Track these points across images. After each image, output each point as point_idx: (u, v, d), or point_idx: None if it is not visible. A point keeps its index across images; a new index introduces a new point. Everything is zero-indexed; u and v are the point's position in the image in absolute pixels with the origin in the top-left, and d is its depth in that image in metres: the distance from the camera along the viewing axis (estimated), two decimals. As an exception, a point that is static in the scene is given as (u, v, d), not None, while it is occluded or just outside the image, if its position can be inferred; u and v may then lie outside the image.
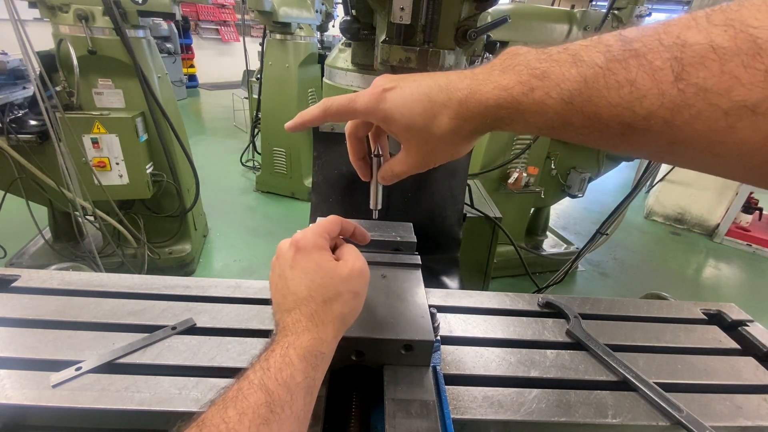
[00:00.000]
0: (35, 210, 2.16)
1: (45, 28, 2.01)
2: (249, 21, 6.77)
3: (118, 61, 2.08)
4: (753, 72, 0.24)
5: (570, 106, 0.32)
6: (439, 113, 0.40)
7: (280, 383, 0.39)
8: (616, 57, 0.30)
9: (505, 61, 0.37)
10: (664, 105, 0.27)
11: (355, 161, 0.54)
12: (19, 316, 0.67)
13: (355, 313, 0.50)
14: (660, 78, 0.27)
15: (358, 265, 0.50)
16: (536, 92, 0.34)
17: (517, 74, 0.35)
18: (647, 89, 0.28)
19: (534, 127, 0.36)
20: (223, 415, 0.35)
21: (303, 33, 3.49)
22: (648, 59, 0.28)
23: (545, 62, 0.34)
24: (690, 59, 0.26)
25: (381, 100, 0.43)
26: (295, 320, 0.45)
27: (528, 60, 0.35)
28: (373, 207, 0.57)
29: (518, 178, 2.54)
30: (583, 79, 0.31)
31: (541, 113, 0.34)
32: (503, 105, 0.36)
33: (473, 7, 0.84)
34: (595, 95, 0.30)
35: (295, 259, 0.49)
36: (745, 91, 0.24)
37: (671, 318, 0.80)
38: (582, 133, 0.33)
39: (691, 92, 0.26)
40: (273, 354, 0.41)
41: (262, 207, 3.85)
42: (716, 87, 0.25)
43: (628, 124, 0.30)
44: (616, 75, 0.29)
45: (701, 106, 0.26)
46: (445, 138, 0.42)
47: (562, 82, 0.32)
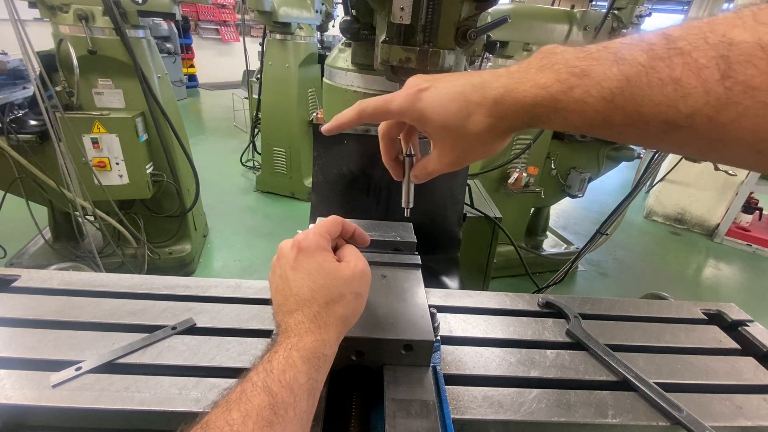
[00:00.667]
0: (35, 210, 2.16)
1: (45, 28, 2.01)
2: (249, 21, 6.77)
3: (118, 61, 2.08)
4: None
5: (611, 104, 0.32)
6: (474, 112, 0.40)
7: (284, 385, 0.38)
8: (659, 55, 0.30)
9: (542, 59, 0.37)
10: (710, 103, 0.27)
11: (387, 161, 0.55)
12: (19, 316, 0.67)
13: (357, 314, 0.50)
14: (706, 76, 0.27)
15: (361, 266, 0.50)
16: (576, 90, 0.34)
17: (556, 72, 0.35)
18: (692, 87, 0.28)
19: (572, 126, 0.36)
20: (227, 417, 0.35)
21: (303, 33, 3.49)
22: (693, 57, 0.28)
23: (585, 60, 0.34)
24: (737, 57, 0.26)
25: (416, 100, 0.43)
26: (298, 322, 0.44)
27: (566, 58, 0.35)
28: (404, 205, 0.58)
29: (518, 178, 2.54)
30: (625, 78, 0.31)
31: (581, 111, 0.34)
32: (541, 103, 0.36)
33: (473, 7, 0.84)
34: (638, 93, 0.30)
35: (297, 260, 0.49)
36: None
37: (671, 318, 0.80)
38: (623, 131, 0.33)
39: (738, 90, 0.26)
40: (276, 356, 0.41)
41: (262, 207, 3.85)
42: (765, 85, 0.25)
43: (672, 122, 0.30)
44: (660, 73, 0.29)
45: (748, 103, 0.26)
46: (480, 136, 0.42)
47: (603, 80, 0.32)
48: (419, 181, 0.54)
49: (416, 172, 0.52)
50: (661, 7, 9.24)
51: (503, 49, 2.48)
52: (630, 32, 2.40)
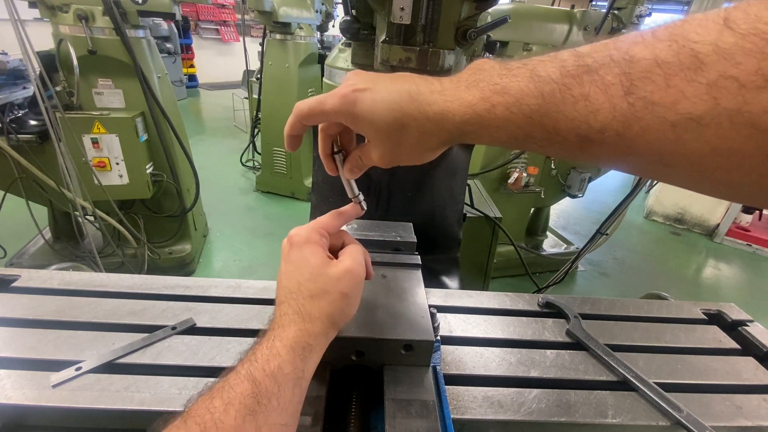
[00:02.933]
0: (35, 210, 2.16)
1: (45, 28, 2.01)
2: (249, 21, 6.77)
3: (118, 61, 2.08)
4: (696, 86, 0.25)
5: (530, 120, 0.33)
6: (408, 124, 0.41)
7: (267, 374, 0.39)
8: (570, 72, 0.31)
9: (470, 76, 0.39)
10: (617, 118, 0.28)
11: (322, 156, 0.54)
12: (19, 316, 0.67)
13: (345, 315, 0.49)
14: (612, 92, 0.29)
15: (351, 267, 0.49)
16: (498, 108, 0.35)
17: (480, 90, 0.37)
18: (600, 103, 0.29)
19: (498, 141, 0.37)
20: (208, 405, 0.36)
21: (303, 33, 3.48)
22: (600, 74, 0.29)
23: (506, 77, 0.35)
24: (638, 74, 0.27)
25: (351, 102, 0.43)
26: (283, 313, 0.45)
27: (491, 75, 0.37)
28: (352, 198, 0.57)
29: (518, 178, 2.54)
30: (540, 94, 0.32)
31: (504, 128, 0.35)
32: (468, 121, 0.37)
33: (473, 7, 0.84)
34: (553, 110, 0.32)
35: (289, 253, 0.50)
36: (689, 104, 0.25)
37: (671, 318, 0.80)
38: (543, 146, 0.34)
39: (640, 106, 0.27)
40: (260, 347, 0.41)
41: (262, 207, 3.84)
42: (663, 100, 0.26)
43: (585, 137, 0.31)
44: (571, 90, 0.31)
45: (650, 119, 0.27)
46: (411, 146, 0.43)
47: (522, 97, 0.34)
48: (354, 176, 0.53)
49: (350, 166, 0.52)
50: (661, 7, 9.24)
51: (503, 49, 2.48)
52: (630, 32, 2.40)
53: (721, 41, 0.24)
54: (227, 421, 0.34)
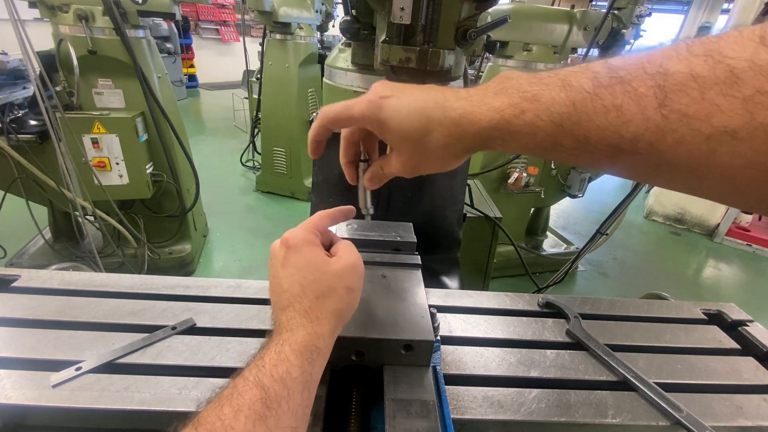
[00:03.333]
0: (35, 210, 2.16)
1: (45, 28, 2.01)
2: (249, 21, 6.77)
3: (118, 61, 2.08)
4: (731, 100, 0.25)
5: (560, 128, 0.34)
6: (434, 129, 0.41)
7: (276, 379, 0.39)
8: (602, 83, 0.31)
9: (498, 84, 0.39)
10: (649, 129, 0.29)
11: (345, 164, 0.55)
12: (19, 316, 0.67)
13: (351, 308, 0.50)
14: (644, 104, 0.29)
15: (351, 260, 0.50)
16: (527, 114, 0.35)
17: (509, 97, 0.37)
18: (632, 114, 0.29)
19: (525, 148, 0.37)
20: (218, 413, 0.35)
21: (303, 33, 3.49)
22: (633, 86, 0.30)
23: (536, 86, 0.36)
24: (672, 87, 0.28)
25: (378, 108, 0.43)
26: (289, 317, 0.45)
27: (520, 83, 0.37)
28: (363, 210, 0.57)
29: (518, 178, 2.54)
30: (571, 103, 0.33)
31: (532, 134, 0.35)
32: (496, 126, 0.38)
33: (473, 7, 0.84)
34: (584, 119, 0.32)
35: (286, 257, 0.49)
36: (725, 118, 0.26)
37: (671, 318, 0.80)
38: (573, 154, 0.35)
39: (674, 118, 0.28)
40: (268, 352, 0.41)
41: (262, 207, 3.84)
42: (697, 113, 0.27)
43: (616, 147, 0.31)
44: (603, 100, 0.31)
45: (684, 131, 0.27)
46: (436, 153, 0.43)
47: (552, 105, 0.34)
48: (373, 187, 0.53)
49: (371, 175, 0.52)
50: (661, 7, 9.24)
51: (503, 49, 2.48)
52: (630, 32, 2.41)
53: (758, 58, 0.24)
54: (237, 427, 0.34)
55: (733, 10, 3.76)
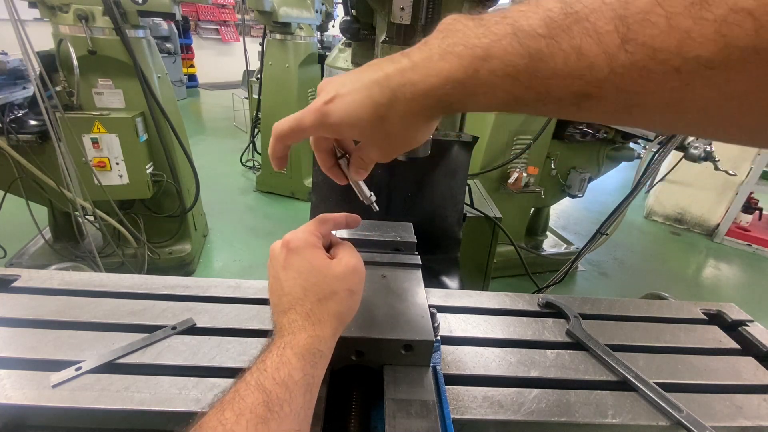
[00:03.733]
0: (35, 210, 2.16)
1: (45, 28, 2.01)
2: (249, 21, 6.77)
3: (118, 61, 2.08)
4: (703, 24, 0.22)
5: (518, 82, 0.30)
6: (386, 114, 0.39)
7: (278, 382, 0.38)
8: (557, 23, 0.28)
9: (443, 40, 0.35)
10: (615, 70, 0.26)
11: (327, 170, 0.53)
12: (19, 316, 0.67)
13: (352, 311, 0.50)
14: (606, 42, 0.26)
15: (353, 263, 0.50)
16: (481, 73, 0.32)
17: (458, 57, 0.33)
18: (594, 55, 0.26)
19: (486, 106, 0.34)
20: (220, 417, 0.35)
21: (303, 33, 3.48)
22: (591, 22, 0.26)
23: (484, 37, 0.32)
24: (635, 16, 0.24)
25: (325, 114, 0.41)
26: (291, 320, 0.44)
27: (466, 37, 0.33)
28: (366, 202, 0.57)
29: (518, 178, 2.54)
30: (527, 53, 0.29)
31: (491, 94, 0.32)
32: (450, 93, 0.34)
33: (473, 7, 0.84)
34: (542, 67, 0.29)
35: (287, 259, 0.48)
36: (696, 45, 0.23)
37: (671, 318, 0.80)
38: (537, 107, 0.32)
39: (640, 53, 0.24)
40: (270, 355, 0.41)
41: (262, 207, 3.84)
42: (666, 44, 0.23)
43: (582, 93, 0.28)
44: (561, 44, 0.27)
45: (653, 66, 0.24)
46: (400, 134, 0.41)
47: (507, 59, 0.30)
48: (361, 177, 0.52)
49: (356, 168, 0.50)
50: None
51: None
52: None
53: None
54: (239, 431, 0.34)
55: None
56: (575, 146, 2.71)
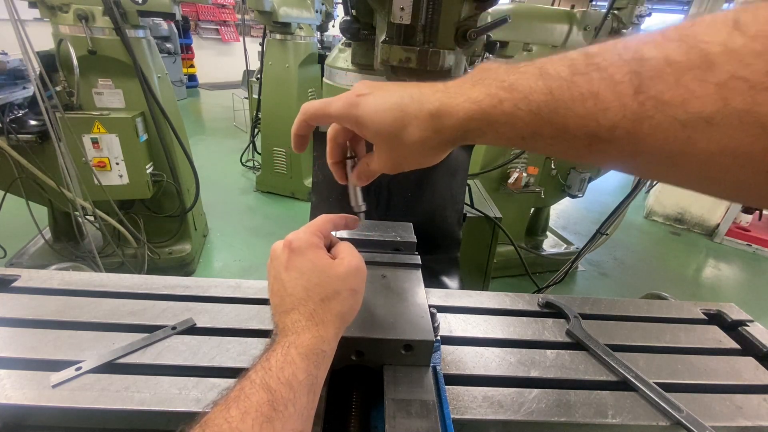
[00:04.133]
0: (35, 210, 2.16)
1: (45, 28, 2.01)
2: (249, 21, 6.77)
3: (118, 61, 2.08)
4: (705, 85, 0.25)
5: (538, 116, 0.33)
6: (409, 123, 0.41)
7: (282, 382, 0.39)
8: (579, 70, 0.31)
9: (476, 75, 0.39)
10: (626, 117, 0.29)
11: (332, 164, 0.55)
12: (19, 316, 0.67)
13: (354, 310, 0.50)
14: (621, 90, 0.29)
15: (355, 263, 0.50)
16: (505, 104, 0.35)
17: (487, 87, 0.37)
18: (609, 101, 0.29)
19: (504, 138, 0.37)
20: (225, 415, 0.35)
21: (303, 33, 3.49)
22: (609, 73, 0.29)
23: (513, 74, 0.35)
24: (648, 73, 0.27)
25: (354, 105, 0.44)
26: (295, 320, 0.45)
27: (498, 74, 0.37)
28: (355, 208, 0.58)
29: (518, 178, 2.54)
30: (549, 91, 0.32)
31: (511, 124, 0.35)
32: (473, 117, 0.37)
33: (473, 7, 0.84)
34: (562, 107, 0.32)
35: (289, 260, 0.49)
36: (699, 103, 0.25)
37: (671, 318, 0.80)
38: (551, 144, 0.34)
39: (650, 104, 0.27)
40: (274, 354, 0.41)
41: (262, 207, 3.84)
42: (673, 99, 0.26)
43: (594, 135, 0.31)
44: (580, 87, 0.31)
45: (660, 117, 0.27)
46: (414, 147, 0.42)
47: (530, 93, 0.34)
48: (362, 183, 0.54)
49: (357, 173, 0.53)
50: (661, 7, 9.24)
51: (503, 49, 2.48)
52: (630, 32, 2.40)
53: (731, 42, 0.24)
54: (245, 429, 0.34)
55: (733, 10, 3.76)
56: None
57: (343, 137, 0.52)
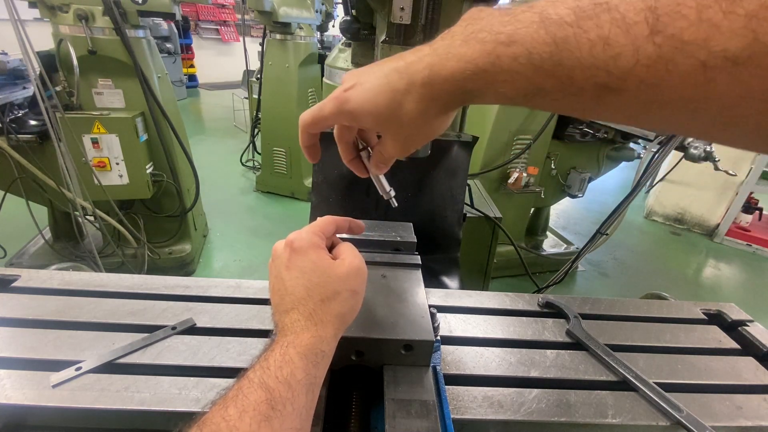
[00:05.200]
0: (35, 210, 2.16)
1: (45, 28, 2.01)
2: (249, 21, 6.77)
3: (118, 61, 2.08)
4: (733, 18, 0.22)
5: (541, 70, 0.30)
6: (403, 101, 0.39)
7: (281, 381, 0.39)
8: (586, 13, 0.27)
9: (466, 27, 0.35)
10: (640, 62, 0.26)
11: (348, 162, 0.54)
12: (19, 316, 0.67)
13: (354, 311, 0.50)
14: (635, 32, 0.25)
15: (356, 263, 0.50)
16: (503, 60, 0.31)
17: (481, 43, 0.32)
18: (621, 46, 0.26)
19: (505, 97, 0.34)
20: (223, 414, 0.35)
21: (303, 33, 3.49)
22: (621, 12, 0.26)
23: (509, 25, 0.31)
24: (665, 8, 0.24)
25: (344, 101, 0.42)
26: (294, 320, 0.44)
27: (491, 24, 0.33)
28: (385, 196, 0.57)
29: (518, 178, 2.54)
30: (553, 41, 0.29)
31: (511, 82, 0.32)
32: (470, 78, 0.34)
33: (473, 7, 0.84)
34: (567, 57, 0.28)
35: (291, 259, 0.48)
36: (724, 40, 0.22)
37: (671, 318, 0.80)
38: (557, 98, 0.31)
39: (668, 46, 0.24)
40: (272, 353, 0.41)
41: (262, 207, 3.84)
42: (694, 37, 0.23)
43: (604, 85, 0.28)
44: (588, 33, 0.27)
45: (679, 59, 0.24)
46: (416, 122, 0.40)
47: (531, 45, 0.30)
48: (381, 171, 0.52)
49: (375, 162, 0.50)
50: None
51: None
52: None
53: None
54: (242, 428, 0.34)
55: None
56: (575, 146, 2.71)
57: (348, 135, 0.51)
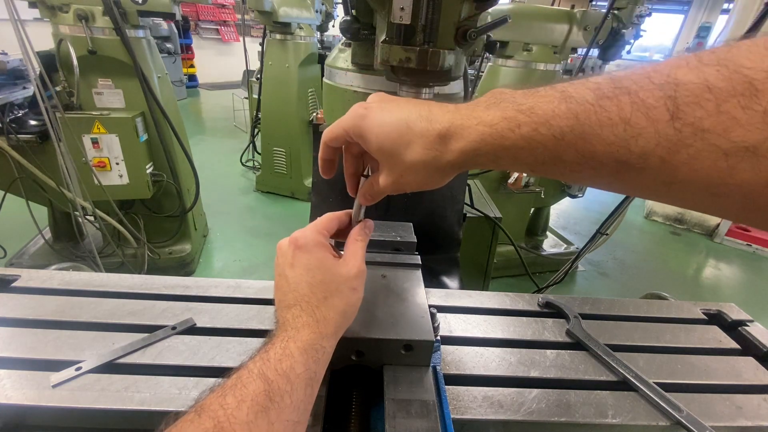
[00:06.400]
0: (35, 210, 2.16)
1: (45, 28, 2.01)
2: (249, 21, 6.76)
3: (118, 61, 2.08)
4: (751, 113, 0.24)
5: (562, 142, 0.31)
6: (413, 142, 0.40)
7: (280, 373, 0.39)
8: (606, 94, 0.29)
9: (489, 99, 0.37)
10: (661, 144, 0.27)
11: (347, 175, 0.54)
12: (19, 316, 0.67)
13: (355, 309, 0.51)
14: (655, 116, 0.27)
15: (358, 263, 0.51)
16: (523, 128, 0.33)
17: (502, 110, 0.35)
18: (642, 127, 0.27)
19: (522, 164, 0.35)
20: (221, 402, 0.36)
21: (303, 33, 3.48)
22: (640, 97, 0.28)
23: (531, 98, 0.33)
24: (684, 98, 0.26)
25: (361, 116, 0.43)
26: (295, 316, 0.45)
27: (514, 97, 0.35)
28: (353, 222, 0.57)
29: (518, 178, 2.54)
30: (574, 115, 0.30)
31: (530, 149, 0.33)
32: (486, 141, 0.35)
33: (473, 7, 0.84)
34: (588, 132, 0.30)
35: (294, 256, 0.49)
36: (743, 132, 0.24)
37: (671, 318, 0.80)
38: (575, 170, 0.32)
39: (688, 132, 0.26)
40: (273, 346, 0.42)
41: (262, 207, 3.84)
42: (714, 127, 0.25)
43: (624, 162, 0.29)
44: (609, 112, 0.29)
45: (700, 146, 0.26)
46: (415, 167, 0.41)
47: (552, 117, 0.31)
48: (367, 203, 0.53)
49: (364, 191, 0.51)
50: (661, 7, 9.24)
51: (503, 49, 2.48)
52: (630, 32, 2.40)
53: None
54: (240, 417, 0.35)
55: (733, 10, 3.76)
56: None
57: (356, 147, 0.51)
